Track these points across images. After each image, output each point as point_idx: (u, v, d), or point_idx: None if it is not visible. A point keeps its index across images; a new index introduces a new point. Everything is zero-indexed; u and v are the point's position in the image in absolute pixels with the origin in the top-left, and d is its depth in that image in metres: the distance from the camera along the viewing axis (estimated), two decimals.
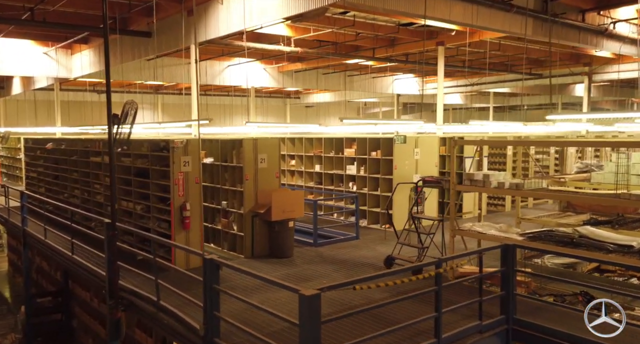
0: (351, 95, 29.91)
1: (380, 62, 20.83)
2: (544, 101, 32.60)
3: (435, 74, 25.69)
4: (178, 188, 7.95)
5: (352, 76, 25.06)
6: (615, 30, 13.84)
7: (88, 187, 10.98)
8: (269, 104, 35.00)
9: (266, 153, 8.91)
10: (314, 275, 7.75)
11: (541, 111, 36.89)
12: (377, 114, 37.07)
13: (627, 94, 29.56)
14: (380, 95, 29.63)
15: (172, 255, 7.99)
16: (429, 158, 11.45)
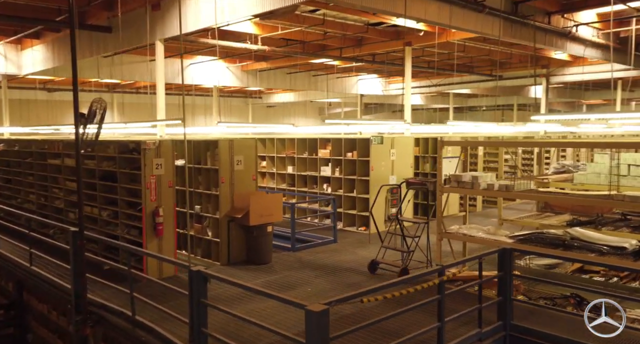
0: (314, 95, 29.65)
1: (347, 62, 20.68)
2: (501, 102, 33.39)
3: (400, 75, 25.92)
4: (150, 192, 7.44)
5: (317, 76, 24.82)
6: (577, 33, 14.12)
7: (45, 192, 10.25)
8: (231, 103, 34.27)
9: (242, 154, 8.51)
10: (297, 282, 7.41)
11: (498, 111, 37.79)
12: (339, 115, 36.97)
13: (577, 95, 30.50)
14: (344, 95, 29.50)
15: (143, 264, 7.48)
16: (404, 159, 11.29)
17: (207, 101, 28.58)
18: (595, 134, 19.37)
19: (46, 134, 20.76)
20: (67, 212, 9.49)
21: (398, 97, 30.66)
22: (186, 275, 7.80)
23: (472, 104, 36.45)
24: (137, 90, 26.82)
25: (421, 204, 12.26)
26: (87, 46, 14.27)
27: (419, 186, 7.78)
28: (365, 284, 7.26)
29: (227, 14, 10.09)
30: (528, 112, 40.35)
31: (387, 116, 37.31)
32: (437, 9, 10.46)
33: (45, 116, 26.98)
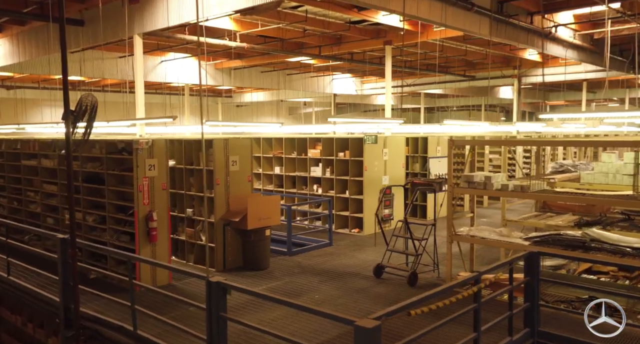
0: (285, 94, 29.25)
1: (324, 61, 20.42)
2: (471, 102, 33.86)
3: (374, 74, 25.84)
4: (143, 195, 6.93)
5: (292, 75, 24.46)
6: (557, 33, 14.27)
7: (18, 195, 9.54)
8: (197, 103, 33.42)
9: (238, 155, 8.08)
10: (302, 289, 7.04)
11: (466, 112, 38.31)
12: (310, 114, 36.71)
13: (541, 96, 31.12)
14: (318, 94, 29.22)
15: (137, 272, 6.97)
16: (396, 159, 11.07)
17: (174, 100, 27.78)
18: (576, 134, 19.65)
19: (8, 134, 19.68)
20: (44, 217, 8.83)
21: (369, 97, 30.64)
22: (182, 283, 7.41)
23: (442, 104, 36.83)
24: (103, 88, 25.78)
25: (420, 206, 12.07)
26: (57, 40, 13.48)
27: (426, 187, 7.52)
28: (374, 289, 6.97)
29: (213, 8, 9.66)
30: (495, 112, 41.17)
31: (360, 116, 37.21)
32: (428, 7, 10.32)
33: (5, 115, 25.67)
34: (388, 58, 17.70)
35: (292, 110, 39.07)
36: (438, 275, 7.35)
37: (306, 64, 22.04)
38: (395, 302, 6.33)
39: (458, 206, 13.35)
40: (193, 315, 6.13)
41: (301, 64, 22.07)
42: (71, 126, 5.79)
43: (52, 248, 8.67)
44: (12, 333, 9.76)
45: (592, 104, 38.39)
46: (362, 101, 31.78)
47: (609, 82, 25.76)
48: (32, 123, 18.92)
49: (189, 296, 6.37)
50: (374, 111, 36.59)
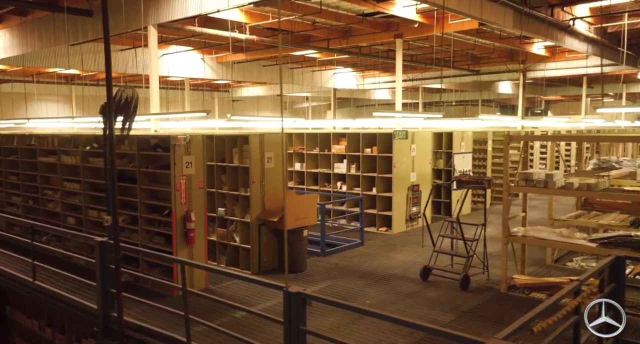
0: (284, 89, 28.77)
1: (330, 54, 20.05)
2: (470, 97, 33.74)
3: (377, 69, 25.47)
4: (180, 195, 6.51)
5: (293, 69, 24.03)
6: (575, 26, 14.04)
7: (35, 194, 9.04)
8: (195, 97, 32.85)
9: (273, 151, 7.67)
10: (349, 293, 6.66)
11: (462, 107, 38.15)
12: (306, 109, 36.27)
13: (538, 91, 30.96)
14: (318, 89, 28.78)
15: (173, 275, 6.55)
16: (423, 155, 10.73)
17: (170, 94, 27.18)
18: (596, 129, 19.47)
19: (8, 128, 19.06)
20: (65, 217, 8.35)
21: (367, 92, 30.26)
22: (219, 287, 7.01)
23: (438, 99, 36.59)
24: (98, 82, 25.11)
25: (444, 203, 11.75)
26: (63, 32, 12.95)
27: (474, 185, 7.16)
28: (425, 293, 6.63)
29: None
30: (491, 107, 41.07)
31: (353, 111, 36.87)
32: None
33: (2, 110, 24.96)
34: (399, 51, 17.31)
35: (290, 105, 38.58)
36: (488, 277, 7.02)
37: (310, 58, 21.63)
38: (453, 308, 6.04)
39: (479, 203, 13.09)
40: (241, 322, 5.76)
41: (305, 58, 21.66)
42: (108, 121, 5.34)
43: (73, 250, 8.23)
44: (27, 337, 9.31)
45: (587, 100, 38.47)
46: (360, 95, 31.41)
47: (606, 78, 25.68)
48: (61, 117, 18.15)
49: (231, 301, 6.00)
50: (366, 106, 36.27)
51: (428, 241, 8.65)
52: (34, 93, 25.72)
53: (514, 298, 6.30)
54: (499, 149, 13.73)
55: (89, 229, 7.86)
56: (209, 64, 20.97)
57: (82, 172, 7.82)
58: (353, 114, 35.05)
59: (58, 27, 12.83)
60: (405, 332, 5.24)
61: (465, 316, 5.77)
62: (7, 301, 9.55)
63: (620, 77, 25.95)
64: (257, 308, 6.11)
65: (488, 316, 5.77)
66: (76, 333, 7.81)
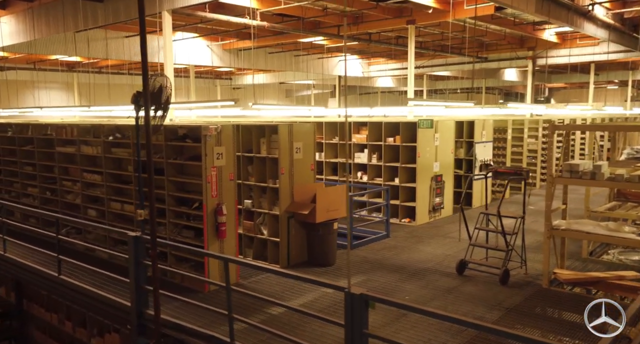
0: (286, 76, 28.44)
1: (338, 41, 19.72)
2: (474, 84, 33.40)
3: (383, 56, 25.14)
4: (211, 187, 6.27)
5: (299, 56, 23.69)
6: (594, 12, 13.78)
7: (52, 185, 8.79)
8: (198, 85, 32.44)
9: (302, 141, 7.43)
10: (385, 288, 6.46)
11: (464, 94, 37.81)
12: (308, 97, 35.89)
13: (541, 79, 30.56)
14: (323, 76, 28.41)
15: (205, 270, 6.34)
16: (446, 144, 10.49)
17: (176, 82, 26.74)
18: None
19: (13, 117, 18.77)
20: (85, 209, 8.11)
21: (370, 79, 29.91)
22: (250, 282, 6.81)
23: (440, 87, 36.27)
24: (100, 69, 24.72)
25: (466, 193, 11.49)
26: (73, 18, 12.63)
27: (513, 176, 6.91)
28: (464, 288, 6.43)
29: None
30: (494, 95, 40.77)
31: (355, 99, 36.47)
32: None
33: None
34: (411, 38, 17.02)
35: (290, 92, 38.20)
36: (526, 272, 6.82)
37: (317, 45, 21.29)
38: (497, 304, 5.83)
39: (498, 193, 12.88)
40: (280, 319, 5.56)
41: (312, 45, 21.32)
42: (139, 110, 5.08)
43: (94, 242, 8.01)
44: (45, 330, 9.15)
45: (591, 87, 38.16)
46: (362, 83, 31.08)
47: (613, 65, 25.37)
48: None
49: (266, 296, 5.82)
50: (367, 94, 35.93)
51: (456, 233, 8.50)
52: (35, 81, 25.36)
53: (558, 294, 6.11)
54: (518, 138, 13.51)
55: (112, 222, 7.63)
56: (214, 51, 20.65)
57: (104, 163, 7.56)
58: (356, 102, 34.69)
59: (67, 13, 12.51)
60: (455, 330, 5.05)
61: (512, 313, 5.58)
62: (23, 294, 9.38)
63: (629, 64, 25.69)
64: (294, 303, 5.92)
65: (535, 313, 5.58)
66: (98, 326, 7.63)
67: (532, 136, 14.20)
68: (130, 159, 7.20)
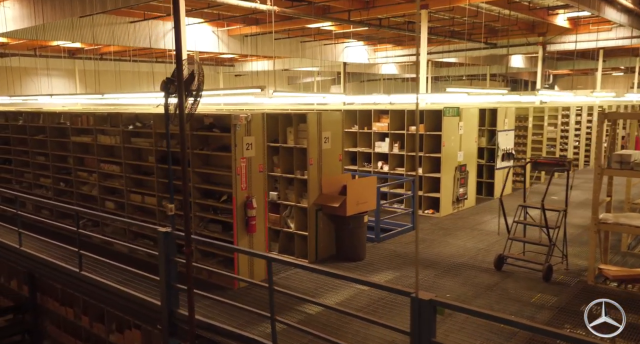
0: (290, 63, 27.98)
1: (346, 27, 19.32)
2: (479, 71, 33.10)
3: (390, 42, 24.70)
4: (240, 179, 5.96)
5: (305, 42, 23.25)
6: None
7: (66, 176, 8.46)
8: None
9: (330, 131, 7.09)
10: (422, 286, 6.16)
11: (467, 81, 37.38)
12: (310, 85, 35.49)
13: (548, 65, 30.13)
14: (329, 63, 27.96)
15: (234, 266, 6.05)
16: (470, 133, 10.16)
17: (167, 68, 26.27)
18: None
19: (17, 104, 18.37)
20: (103, 201, 7.79)
21: (374, 66, 29.44)
22: (279, 278, 6.51)
23: (444, 74, 35.83)
24: (101, 56, 24.22)
25: (485, 183, 11.23)
26: (80, 2, 12.19)
27: (556, 167, 6.58)
28: (505, 285, 6.15)
29: None
30: (497, 82, 40.34)
31: (354, 87, 36.05)
32: None
33: None
34: (424, 23, 16.65)
35: (292, 80, 37.73)
36: (566, 267, 6.54)
37: (324, 31, 20.86)
38: (544, 303, 5.53)
39: (519, 183, 12.60)
40: (318, 319, 5.29)
41: (320, 31, 20.88)
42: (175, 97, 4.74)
43: (111, 235, 7.71)
44: (60, 325, 8.88)
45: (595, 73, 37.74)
46: (365, 70, 30.65)
47: (620, 51, 24.96)
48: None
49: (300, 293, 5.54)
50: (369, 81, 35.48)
51: (483, 225, 8.20)
52: (35, 68, 24.88)
53: (606, 292, 5.83)
54: (538, 126, 13.17)
55: (131, 214, 7.32)
56: (220, 37, 20.21)
57: (123, 154, 7.22)
58: (359, 90, 34.24)
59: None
60: (507, 333, 4.78)
61: (563, 313, 5.30)
62: (37, 287, 9.10)
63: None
64: (329, 301, 5.64)
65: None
66: (117, 322, 7.36)
67: (551, 123, 13.88)
68: (151, 149, 6.86)
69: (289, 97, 15.09)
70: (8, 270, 9.67)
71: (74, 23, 15.67)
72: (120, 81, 23.88)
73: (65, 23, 15.33)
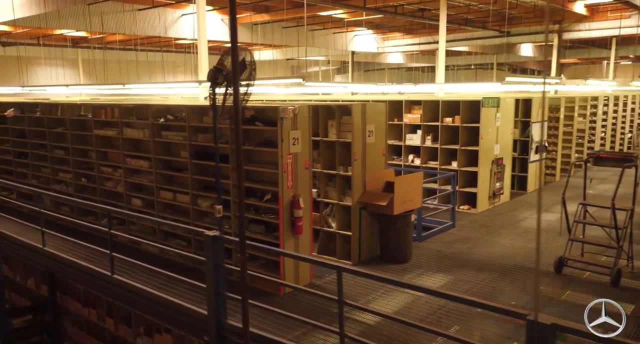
0: (294, 52, 27.42)
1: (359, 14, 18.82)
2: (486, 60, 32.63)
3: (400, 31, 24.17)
4: (287, 177, 5.51)
5: (314, 31, 22.72)
6: None
7: (88, 171, 8.00)
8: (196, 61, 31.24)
9: (374, 123, 6.63)
10: (480, 292, 5.71)
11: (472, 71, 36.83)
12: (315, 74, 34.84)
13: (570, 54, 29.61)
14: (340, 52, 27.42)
15: (280, 270, 5.63)
16: (506, 125, 9.70)
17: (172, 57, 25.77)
18: None
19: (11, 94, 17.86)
20: (129, 198, 7.33)
21: (380, 55, 28.89)
22: (325, 282, 6.11)
23: (452, 63, 35.25)
24: (106, 45, 23.63)
25: (518, 177, 10.79)
26: None
27: (627, 164, 6.06)
28: (569, 290, 5.72)
29: None
30: (503, 71, 39.79)
31: (360, 76, 35.43)
32: None
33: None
34: (442, 11, 16.17)
35: (295, 69, 37.17)
36: (631, 269, 6.12)
37: (335, 19, 20.34)
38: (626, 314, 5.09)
39: (549, 176, 12.17)
40: (380, 330, 4.86)
41: (331, 19, 20.37)
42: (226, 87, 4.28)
43: (139, 234, 7.27)
44: (82, 326, 8.49)
45: (603, 62, 37.23)
46: (370, 59, 30.12)
47: (633, 39, 24.49)
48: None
49: (350, 300, 5.12)
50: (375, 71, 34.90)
51: (525, 222, 7.74)
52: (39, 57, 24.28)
53: None
54: (569, 117, 12.72)
55: (161, 213, 6.87)
56: (228, 25, 19.68)
57: (152, 148, 6.75)
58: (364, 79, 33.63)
59: None
60: None
61: None
62: (57, 287, 8.70)
63: None
64: (388, 309, 5.22)
65: None
66: (145, 325, 6.97)
67: (580, 114, 13.41)
68: (184, 144, 6.39)
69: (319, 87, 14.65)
70: (24, 268, 9.26)
71: (83, 10, 15.14)
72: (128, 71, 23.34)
73: (73, 11, 14.80)
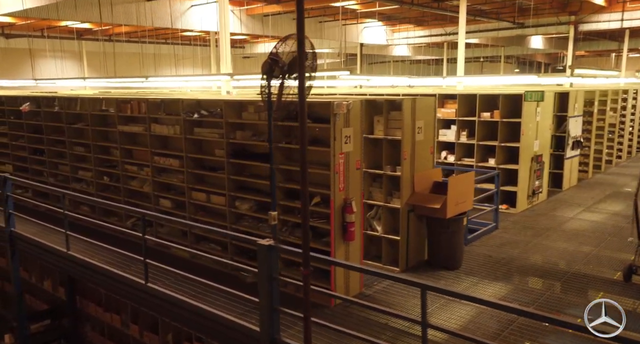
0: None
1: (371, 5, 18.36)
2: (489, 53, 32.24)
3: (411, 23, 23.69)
4: (338, 178, 5.04)
5: (323, 22, 22.26)
6: None
7: (111, 169, 7.52)
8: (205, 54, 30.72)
9: (423, 119, 6.15)
10: (549, 305, 5.22)
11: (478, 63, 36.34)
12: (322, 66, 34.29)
13: (563, 46, 29.09)
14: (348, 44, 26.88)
15: (331, 281, 5.17)
16: (545, 120, 9.22)
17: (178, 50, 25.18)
18: None
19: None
20: (157, 199, 6.86)
21: (387, 47, 28.36)
22: (375, 292, 5.65)
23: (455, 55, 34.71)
24: (110, 37, 23.09)
25: (552, 174, 10.32)
26: None
27: None
28: None
29: None
30: (510, 64, 39.26)
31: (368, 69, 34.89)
32: None
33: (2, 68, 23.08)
34: (463, 2, 15.74)
35: None
36: None
37: (346, 10, 19.86)
38: None
39: (581, 172, 11.72)
40: None
41: (344, 9, 19.88)
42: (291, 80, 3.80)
43: (167, 237, 6.82)
44: (103, 332, 8.08)
45: (612, 55, 36.73)
46: (379, 52, 29.63)
47: None
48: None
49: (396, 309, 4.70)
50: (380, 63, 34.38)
51: (573, 224, 7.27)
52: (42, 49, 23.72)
53: None
54: (601, 111, 12.24)
55: (193, 215, 6.40)
56: (238, 16, 19.21)
57: (184, 146, 6.27)
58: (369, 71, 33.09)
59: None
60: None
61: None
62: (76, 290, 8.27)
63: None
64: (450, 324, 4.77)
65: None
66: (173, 332, 6.55)
67: (613, 108, 12.93)
68: (220, 142, 5.91)
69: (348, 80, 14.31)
70: (40, 269, 8.84)
71: (91, 1, 14.66)
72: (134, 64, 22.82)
73: (82, 1, 14.31)
